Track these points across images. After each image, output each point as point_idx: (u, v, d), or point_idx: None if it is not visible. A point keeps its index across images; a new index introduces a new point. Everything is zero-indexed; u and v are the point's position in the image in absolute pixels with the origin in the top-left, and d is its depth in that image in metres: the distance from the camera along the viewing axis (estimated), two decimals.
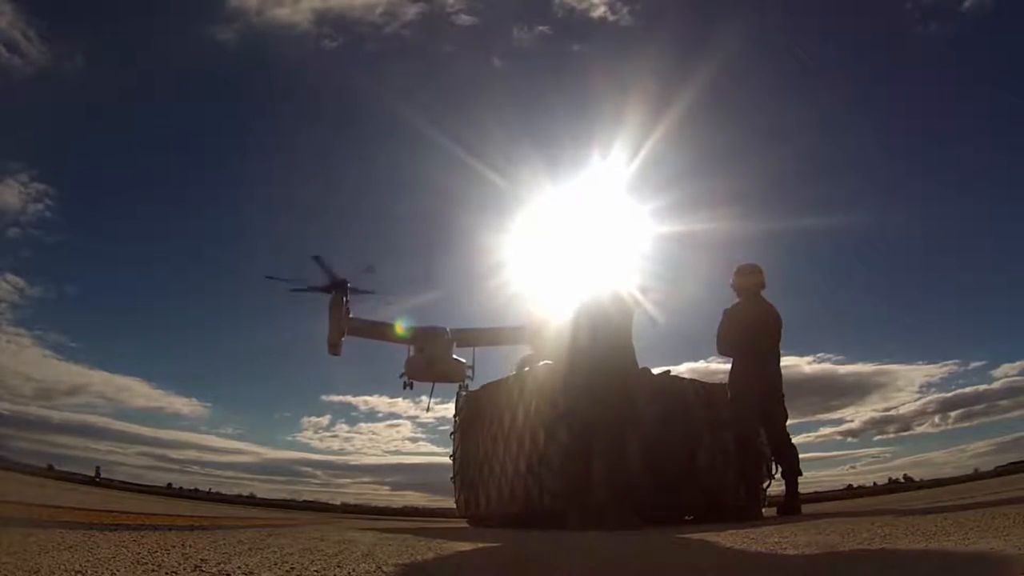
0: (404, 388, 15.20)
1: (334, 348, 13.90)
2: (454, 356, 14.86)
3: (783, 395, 5.03)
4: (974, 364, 32.37)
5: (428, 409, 16.65)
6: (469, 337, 15.10)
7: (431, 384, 15.21)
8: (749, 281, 5.17)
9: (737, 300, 5.18)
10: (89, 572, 1.36)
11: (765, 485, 5.08)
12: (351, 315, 13.90)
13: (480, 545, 2.79)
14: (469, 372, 15.08)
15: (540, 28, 30.00)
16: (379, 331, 14.64)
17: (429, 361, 14.35)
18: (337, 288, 13.58)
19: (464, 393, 6.40)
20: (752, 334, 4.93)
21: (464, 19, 28.92)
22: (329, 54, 28.89)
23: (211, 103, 34.05)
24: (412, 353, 14.81)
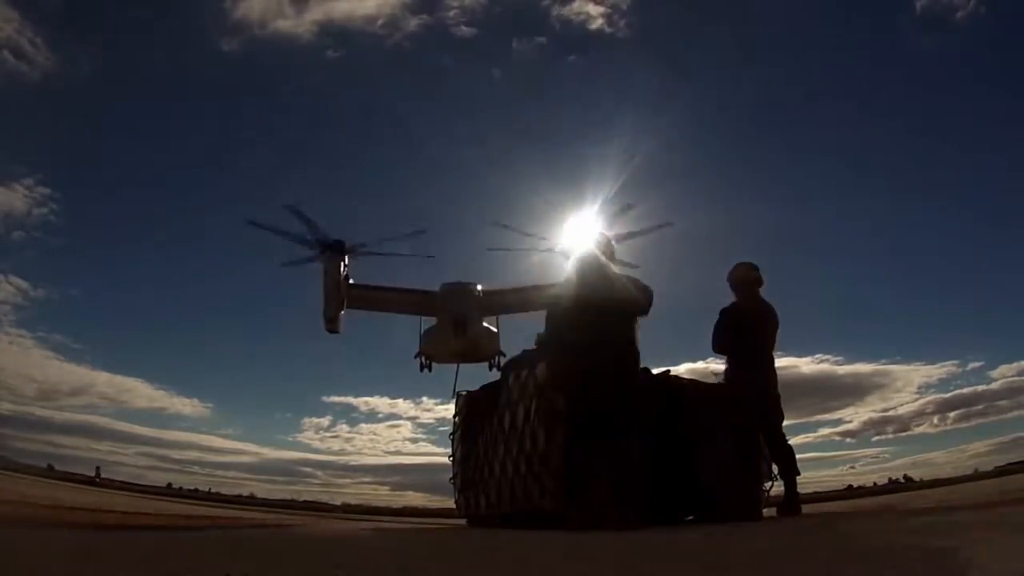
0: (421, 370, 11.95)
1: (332, 323, 11.00)
2: (484, 324, 11.50)
3: (779, 395, 5.02)
4: (972, 365, 32.50)
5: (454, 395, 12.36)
6: (500, 300, 11.53)
7: (456, 366, 11.46)
8: (746, 279, 5.16)
9: (734, 299, 5.17)
10: (89, 572, 1.36)
11: (766, 486, 5.08)
12: (351, 281, 10.93)
13: (480, 545, 2.79)
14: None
15: (538, 40, 30.17)
16: (388, 298, 11.55)
17: (457, 328, 10.98)
18: (333, 251, 10.61)
19: (464, 393, 6.37)
20: (748, 333, 4.93)
21: (464, 31, 29.04)
22: (331, 64, 29.01)
23: (213, 110, 34.20)
24: (426, 328, 11.62)
